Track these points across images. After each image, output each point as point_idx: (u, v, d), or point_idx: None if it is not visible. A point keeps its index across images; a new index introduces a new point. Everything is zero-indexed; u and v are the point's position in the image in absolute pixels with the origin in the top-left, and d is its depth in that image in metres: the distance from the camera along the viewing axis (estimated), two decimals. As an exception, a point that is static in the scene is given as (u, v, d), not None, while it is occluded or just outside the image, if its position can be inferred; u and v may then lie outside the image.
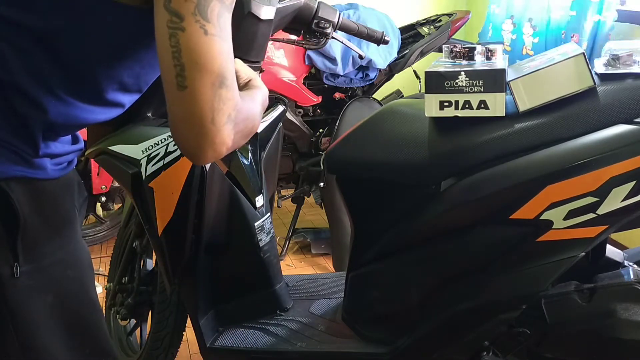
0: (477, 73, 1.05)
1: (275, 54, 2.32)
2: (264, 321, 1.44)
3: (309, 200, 2.71)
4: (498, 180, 1.05)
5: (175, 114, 0.71)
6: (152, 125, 1.25)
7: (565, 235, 1.04)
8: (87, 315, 0.93)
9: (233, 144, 0.74)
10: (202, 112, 0.70)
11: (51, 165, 0.83)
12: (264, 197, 1.43)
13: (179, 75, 0.69)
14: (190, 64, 0.69)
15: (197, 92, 0.69)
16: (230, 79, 0.72)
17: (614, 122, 1.00)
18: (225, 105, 0.71)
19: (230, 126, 0.72)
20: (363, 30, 1.52)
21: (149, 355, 1.55)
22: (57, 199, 0.86)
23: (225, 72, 0.71)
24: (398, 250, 1.22)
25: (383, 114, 1.23)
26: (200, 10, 0.69)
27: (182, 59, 0.69)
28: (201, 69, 0.69)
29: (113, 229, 2.59)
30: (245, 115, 0.77)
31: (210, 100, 0.70)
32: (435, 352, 1.21)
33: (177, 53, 0.69)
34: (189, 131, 0.71)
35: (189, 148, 0.73)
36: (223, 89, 0.71)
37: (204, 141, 0.71)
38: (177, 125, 0.72)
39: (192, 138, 0.71)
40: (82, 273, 0.92)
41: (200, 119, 0.70)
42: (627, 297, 1.07)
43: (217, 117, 0.70)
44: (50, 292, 0.85)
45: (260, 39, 1.27)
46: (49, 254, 0.84)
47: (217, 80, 0.70)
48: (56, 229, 0.86)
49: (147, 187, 1.24)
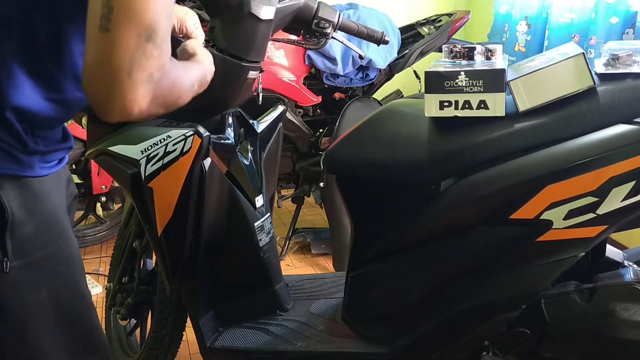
0: (477, 73, 1.05)
1: (275, 54, 2.32)
2: (264, 321, 1.44)
3: (309, 200, 2.71)
4: (498, 180, 1.05)
5: (90, 57, 0.66)
6: (151, 126, 1.25)
7: (565, 235, 1.04)
8: (79, 311, 0.93)
9: (147, 108, 0.68)
10: (119, 60, 0.64)
11: (40, 163, 0.84)
12: (263, 197, 1.43)
13: (104, 17, 0.64)
14: (118, 8, 0.64)
15: (119, 38, 0.64)
16: (160, 36, 0.67)
17: (614, 122, 1.00)
18: (148, 61, 0.66)
19: (148, 86, 0.67)
20: (363, 30, 1.52)
21: (149, 355, 1.56)
22: (45, 196, 0.86)
23: (156, 26, 0.66)
24: (398, 250, 1.22)
25: (383, 114, 1.23)
26: None
27: (112, 1, 0.64)
28: (130, 15, 0.64)
29: (113, 229, 2.59)
30: (171, 81, 0.71)
31: (132, 50, 0.64)
32: (435, 352, 1.21)
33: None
34: (101, 78, 0.66)
35: (96, 98, 0.67)
36: (150, 43, 0.66)
37: (114, 93, 0.65)
38: (90, 69, 0.66)
39: (103, 86, 0.66)
40: (73, 268, 0.92)
41: (115, 68, 0.64)
42: (627, 297, 1.07)
43: (135, 71, 0.65)
44: (41, 287, 0.86)
45: (260, 39, 1.27)
46: (38, 250, 0.85)
47: (145, 32, 0.65)
48: (45, 225, 0.86)
49: (146, 187, 1.24)
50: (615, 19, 2.29)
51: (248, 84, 1.32)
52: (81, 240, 2.52)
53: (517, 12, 2.81)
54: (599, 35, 2.35)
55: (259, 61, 1.31)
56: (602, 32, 2.33)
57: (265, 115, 1.49)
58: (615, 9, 2.29)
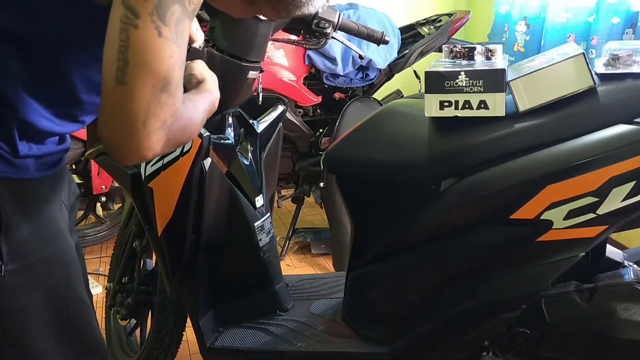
0: (477, 73, 1.05)
1: (275, 54, 2.32)
2: (264, 321, 1.44)
3: (309, 200, 2.71)
4: (498, 180, 1.05)
5: (107, 108, 0.68)
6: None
7: (565, 235, 1.04)
8: (76, 312, 0.93)
9: (161, 151, 0.71)
10: (135, 112, 0.66)
11: (35, 165, 0.83)
12: (263, 197, 1.43)
13: (120, 70, 0.66)
14: (134, 62, 0.66)
15: (135, 91, 0.66)
16: (174, 85, 0.69)
17: (614, 122, 1.00)
18: (162, 110, 0.68)
19: (162, 132, 0.69)
20: (363, 30, 1.52)
21: (149, 355, 1.55)
22: (41, 198, 0.86)
23: (171, 77, 0.68)
24: (398, 250, 1.21)
25: (383, 114, 1.23)
26: (158, 11, 0.66)
27: (128, 54, 0.66)
28: (146, 69, 0.66)
29: (113, 229, 2.59)
30: (183, 124, 0.74)
31: (147, 102, 0.67)
32: (435, 352, 1.21)
33: (124, 48, 0.66)
34: (117, 128, 0.68)
35: (113, 145, 0.70)
36: (164, 94, 0.68)
37: (130, 142, 0.68)
38: (106, 119, 0.69)
39: (119, 136, 0.68)
40: (69, 270, 0.92)
41: (131, 119, 0.67)
42: (627, 297, 1.07)
43: (150, 121, 0.67)
44: (38, 290, 0.86)
45: (260, 39, 1.27)
46: (34, 252, 0.84)
47: (160, 83, 0.67)
48: (41, 227, 0.86)
49: (146, 188, 1.25)
50: (616, 19, 2.29)
51: (248, 84, 1.32)
52: (81, 240, 2.52)
53: (517, 12, 2.82)
54: (601, 36, 2.35)
55: (259, 61, 1.31)
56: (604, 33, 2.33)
57: (265, 115, 1.49)
58: (616, 9, 2.30)
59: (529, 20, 2.75)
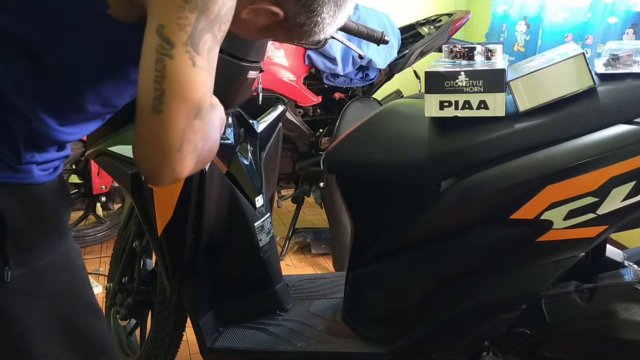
0: (477, 73, 1.05)
1: (275, 54, 2.31)
2: (264, 321, 1.44)
3: (309, 200, 2.71)
4: (498, 180, 1.05)
5: (143, 134, 0.71)
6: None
7: (565, 236, 1.04)
8: (83, 317, 0.93)
9: (192, 171, 0.74)
10: (171, 139, 0.69)
11: (38, 170, 0.84)
12: (263, 197, 1.43)
13: (156, 99, 0.68)
14: (171, 92, 0.68)
15: (171, 120, 0.68)
16: (205, 111, 0.71)
17: (614, 122, 1.00)
18: (195, 135, 0.71)
19: (194, 155, 0.72)
20: (363, 30, 1.52)
21: (149, 355, 1.55)
22: (45, 203, 0.86)
23: (203, 104, 0.70)
24: (398, 250, 1.21)
25: (383, 114, 1.23)
26: (192, 41, 0.68)
27: (164, 85, 0.68)
28: (181, 98, 0.68)
29: (113, 229, 2.59)
30: (210, 145, 0.76)
31: (182, 129, 0.69)
32: (435, 352, 1.21)
33: (160, 78, 0.68)
34: (152, 154, 0.70)
35: (148, 169, 0.73)
36: (197, 120, 0.70)
37: (165, 166, 0.71)
38: (142, 145, 0.71)
39: (154, 161, 0.71)
40: (75, 275, 0.92)
41: (167, 146, 0.69)
42: (627, 297, 1.07)
43: (185, 147, 0.70)
44: (44, 295, 0.86)
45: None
46: (40, 258, 0.85)
47: (194, 111, 0.70)
48: (46, 232, 0.86)
49: (146, 188, 1.24)
50: (613, 18, 2.29)
51: (248, 84, 1.32)
52: (81, 240, 2.52)
53: (516, 12, 2.82)
54: (596, 35, 2.35)
55: (259, 61, 1.31)
56: (599, 32, 2.33)
57: (265, 115, 1.49)
58: (613, 8, 2.30)
59: (529, 20, 2.75)
